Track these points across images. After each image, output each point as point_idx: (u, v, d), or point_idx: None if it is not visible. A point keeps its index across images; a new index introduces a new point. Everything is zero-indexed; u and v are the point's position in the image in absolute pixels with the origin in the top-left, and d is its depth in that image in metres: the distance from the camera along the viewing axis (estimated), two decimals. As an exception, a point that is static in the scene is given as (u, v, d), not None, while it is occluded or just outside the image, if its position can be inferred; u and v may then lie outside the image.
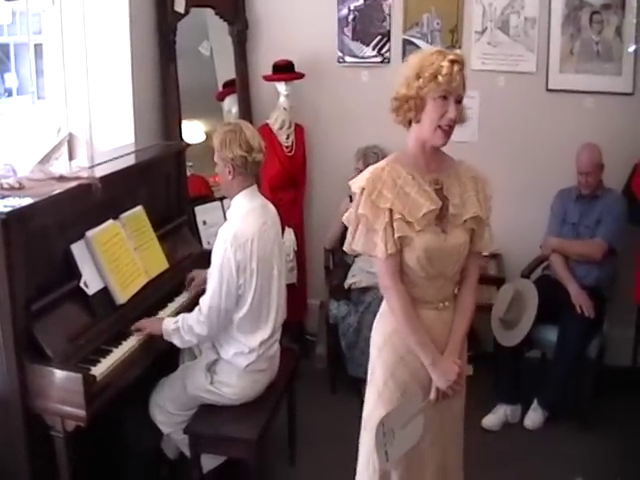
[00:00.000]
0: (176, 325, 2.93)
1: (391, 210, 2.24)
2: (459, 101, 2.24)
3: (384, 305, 2.45)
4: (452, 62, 2.19)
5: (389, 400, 2.38)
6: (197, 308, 2.95)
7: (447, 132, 2.24)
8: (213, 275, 2.91)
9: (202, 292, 3.04)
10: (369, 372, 2.49)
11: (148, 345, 2.93)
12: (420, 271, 2.29)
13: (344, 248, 2.39)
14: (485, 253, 2.42)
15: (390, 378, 2.39)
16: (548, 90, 4.38)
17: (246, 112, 4.57)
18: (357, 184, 2.31)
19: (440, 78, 2.17)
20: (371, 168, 2.33)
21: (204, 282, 3.13)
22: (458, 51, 2.24)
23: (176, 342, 2.96)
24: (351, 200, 4.08)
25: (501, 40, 4.38)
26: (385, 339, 2.41)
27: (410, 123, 2.30)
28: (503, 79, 4.42)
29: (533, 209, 4.36)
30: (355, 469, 2.57)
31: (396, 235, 2.24)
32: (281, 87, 4.39)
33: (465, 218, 2.32)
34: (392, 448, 2.20)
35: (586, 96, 4.32)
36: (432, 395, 2.34)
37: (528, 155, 4.48)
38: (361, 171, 3.93)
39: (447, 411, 2.43)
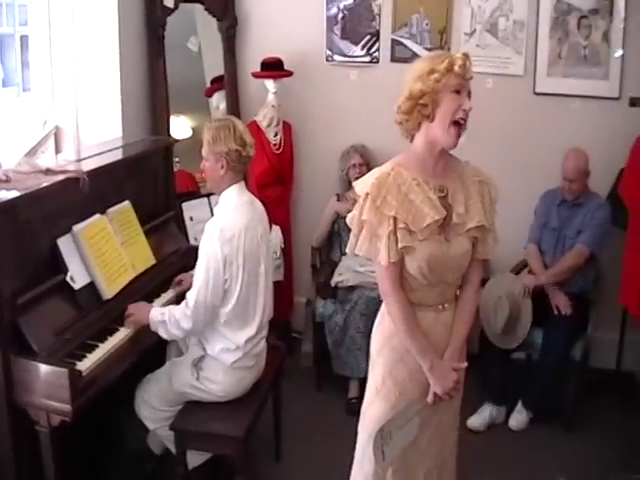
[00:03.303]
0: (163, 317, 2.91)
1: (395, 218, 2.23)
2: (469, 97, 2.25)
3: (384, 307, 2.46)
4: (465, 55, 2.22)
5: (386, 397, 2.40)
6: (184, 302, 2.93)
7: (460, 128, 2.23)
8: (200, 270, 2.90)
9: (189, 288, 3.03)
10: (369, 369, 2.51)
11: (134, 340, 2.92)
12: (421, 279, 2.30)
13: (347, 250, 2.40)
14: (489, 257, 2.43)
15: (388, 376, 2.40)
16: (535, 93, 4.39)
17: (234, 109, 4.57)
18: (362, 188, 2.29)
19: (457, 69, 2.18)
20: (377, 172, 2.31)
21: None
22: None
23: (162, 334, 2.95)
24: (338, 199, 4.48)
25: (490, 42, 4.38)
26: (385, 341, 2.43)
27: (419, 126, 2.28)
28: (491, 81, 4.42)
29: (520, 211, 4.30)
30: (340, 465, 2.61)
31: (400, 245, 2.24)
32: (270, 84, 4.38)
33: (469, 227, 2.31)
34: (388, 448, 2.26)
35: (573, 100, 4.33)
36: (429, 398, 2.36)
37: (515, 157, 4.46)
38: (361, 166, 4.28)
39: (446, 408, 2.45)
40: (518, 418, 3.93)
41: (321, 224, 4.50)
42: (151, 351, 3.06)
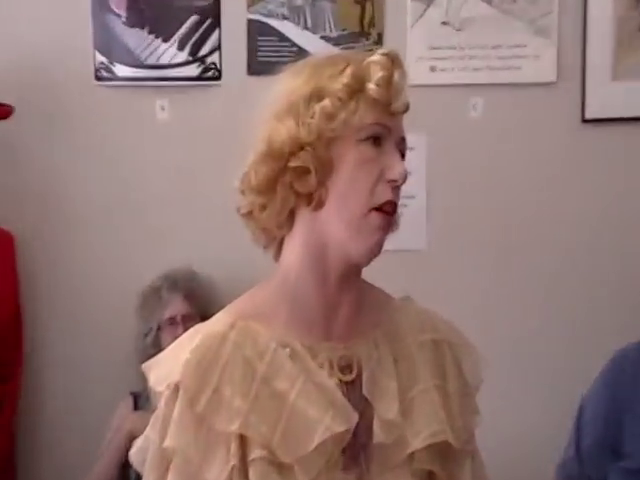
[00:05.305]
0: None
1: (242, 437, 1.47)
2: (402, 153, 1.51)
3: None
4: (389, 55, 1.49)
5: None
6: None
7: (391, 214, 1.50)
8: None
9: None
10: None
11: None
12: None
13: None
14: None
15: None
16: (585, 121, 3.26)
17: None
18: (163, 375, 1.53)
19: (371, 88, 1.45)
20: (198, 333, 1.54)
21: None
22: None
23: None
24: (136, 405, 3.53)
25: (477, 15, 3.20)
26: None
27: (291, 221, 1.55)
28: (480, 103, 3.32)
29: (555, 396, 3.20)
30: None
31: None
32: (-44, 138, 3.14)
33: (412, 450, 1.55)
34: None
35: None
36: None
37: (541, 268, 3.39)
38: (186, 320, 3.30)
39: None
40: None
41: (100, 465, 3.24)
42: None
